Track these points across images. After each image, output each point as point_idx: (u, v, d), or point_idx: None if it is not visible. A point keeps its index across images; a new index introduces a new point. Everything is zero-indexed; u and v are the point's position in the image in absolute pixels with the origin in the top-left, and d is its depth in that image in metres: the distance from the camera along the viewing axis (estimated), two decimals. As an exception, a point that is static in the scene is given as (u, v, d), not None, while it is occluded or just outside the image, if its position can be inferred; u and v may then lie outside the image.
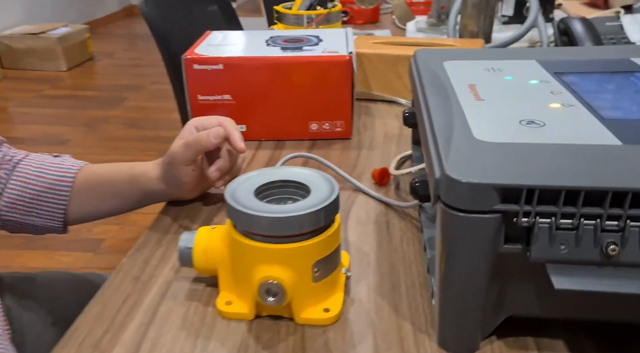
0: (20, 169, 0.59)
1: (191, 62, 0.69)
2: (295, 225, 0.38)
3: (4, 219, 0.59)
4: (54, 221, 0.59)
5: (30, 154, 0.62)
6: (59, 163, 0.60)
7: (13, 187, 0.58)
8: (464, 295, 0.36)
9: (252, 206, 0.39)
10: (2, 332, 0.56)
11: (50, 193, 0.58)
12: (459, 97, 0.46)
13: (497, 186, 0.32)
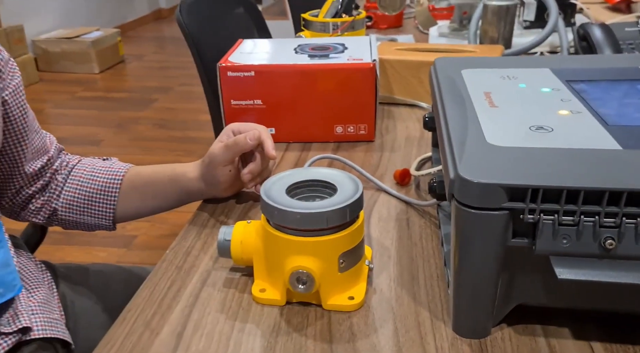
0: (74, 173, 0.65)
1: (225, 70, 0.74)
2: (323, 220, 0.43)
3: (61, 218, 0.65)
4: (104, 219, 0.65)
5: (83, 159, 0.68)
6: (108, 166, 0.66)
7: (69, 189, 0.64)
8: (476, 284, 0.40)
9: (284, 202, 0.44)
10: (59, 317, 0.61)
11: (101, 195, 0.64)
12: (474, 104, 0.49)
13: (505, 186, 0.36)
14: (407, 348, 0.41)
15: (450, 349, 0.41)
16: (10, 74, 0.57)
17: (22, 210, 0.65)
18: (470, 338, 0.42)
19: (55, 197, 0.64)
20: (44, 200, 0.64)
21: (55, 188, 0.64)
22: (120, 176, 0.64)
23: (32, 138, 0.61)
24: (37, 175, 0.63)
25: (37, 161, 0.63)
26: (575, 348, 0.40)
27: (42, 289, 0.62)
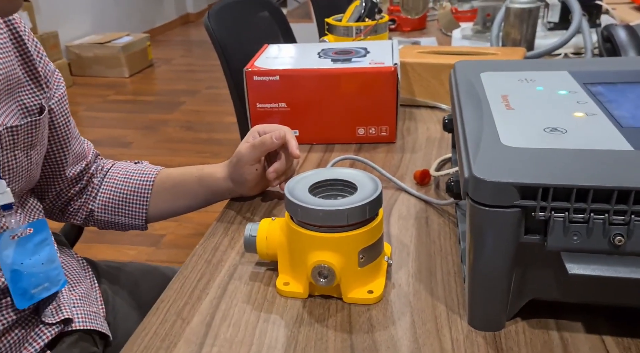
0: (109, 176, 0.69)
1: (251, 74, 0.77)
2: (343, 217, 0.45)
3: (97, 219, 0.69)
4: (137, 220, 0.69)
5: (116, 163, 0.72)
6: (140, 169, 0.69)
7: (104, 191, 0.68)
8: (490, 279, 0.41)
9: (307, 201, 0.47)
10: (99, 311, 0.65)
11: (134, 196, 0.67)
12: (491, 106, 0.51)
13: (517, 185, 0.37)
14: (423, 340, 0.43)
15: (465, 341, 0.42)
16: (55, 84, 0.61)
17: (62, 212, 0.69)
18: (485, 331, 0.43)
19: (92, 199, 0.68)
20: (81, 202, 0.68)
21: (92, 191, 0.68)
22: (152, 178, 0.68)
23: (73, 144, 0.65)
24: (76, 179, 0.67)
25: (76, 166, 0.67)
26: (587, 342, 0.41)
27: (83, 284, 0.66)
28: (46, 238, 0.56)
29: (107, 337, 0.63)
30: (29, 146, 0.55)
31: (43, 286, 0.54)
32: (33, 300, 0.54)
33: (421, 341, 0.43)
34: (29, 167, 0.56)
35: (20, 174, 0.55)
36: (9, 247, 0.51)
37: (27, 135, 0.54)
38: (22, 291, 0.52)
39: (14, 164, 0.53)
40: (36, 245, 0.54)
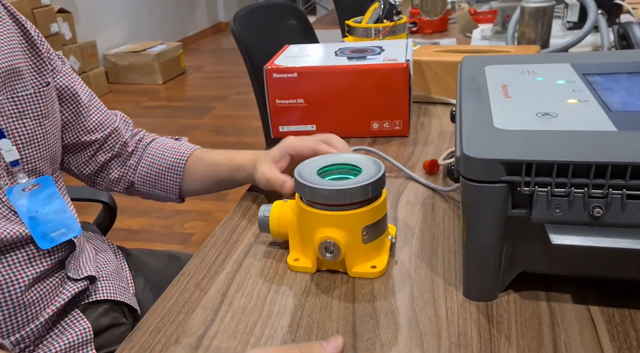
0: (149, 151, 0.74)
1: (271, 72, 0.82)
2: (347, 196, 0.49)
3: (137, 190, 0.75)
4: (172, 194, 0.74)
5: (157, 138, 0.77)
6: (177, 147, 0.74)
7: (143, 165, 0.74)
8: (482, 251, 0.45)
9: (314, 181, 0.51)
10: (129, 288, 0.71)
11: (169, 172, 0.73)
12: (490, 95, 0.54)
13: (502, 161, 0.41)
14: (420, 308, 0.46)
15: (459, 309, 0.46)
16: (61, 62, 0.68)
17: (100, 179, 0.74)
18: (478, 301, 0.46)
19: (132, 171, 0.74)
20: (121, 172, 0.74)
21: (132, 163, 0.74)
22: (185, 157, 0.73)
23: (91, 112, 0.70)
24: (103, 144, 0.72)
25: (99, 132, 0.71)
26: (574, 311, 0.44)
27: (112, 263, 0.72)
28: (54, 192, 0.62)
29: (135, 311, 0.68)
30: (41, 115, 0.61)
31: (60, 231, 0.60)
32: (54, 243, 0.60)
33: (418, 309, 0.46)
34: (44, 135, 0.62)
35: (34, 140, 0.60)
36: (22, 197, 0.58)
37: (34, 105, 0.60)
38: (42, 234, 0.58)
39: (23, 131, 0.59)
40: (46, 198, 0.61)
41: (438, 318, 0.45)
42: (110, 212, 0.97)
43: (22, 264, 0.58)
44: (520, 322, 0.44)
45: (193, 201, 2.20)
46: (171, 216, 2.16)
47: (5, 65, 0.58)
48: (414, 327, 0.44)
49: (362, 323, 0.45)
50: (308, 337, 0.44)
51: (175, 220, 2.15)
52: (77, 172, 0.73)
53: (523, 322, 0.43)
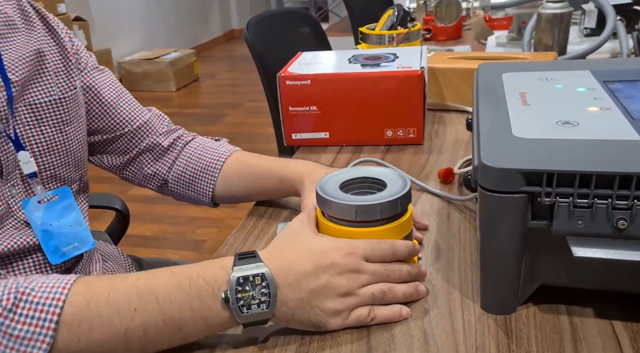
0: (186, 150, 0.71)
1: (284, 79, 0.82)
2: (376, 211, 0.46)
3: (170, 189, 0.72)
4: (204, 197, 0.70)
5: (197, 137, 0.74)
6: (216, 148, 0.71)
7: (179, 164, 0.71)
8: (500, 263, 0.43)
9: (339, 196, 0.47)
10: None
11: (203, 174, 0.69)
12: (508, 102, 0.53)
13: (522, 171, 0.39)
14: (436, 321, 0.45)
15: (476, 323, 0.44)
16: (84, 58, 0.67)
17: (131, 173, 0.72)
18: (497, 314, 0.45)
19: (167, 169, 0.71)
20: (155, 168, 0.71)
21: (167, 160, 0.71)
22: (223, 159, 0.68)
23: (119, 107, 0.68)
24: (133, 137, 0.69)
25: (128, 125, 0.68)
26: (596, 326, 0.42)
27: (119, 271, 0.72)
28: (71, 204, 0.61)
29: None
30: (62, 122, 0.60)
31: (73, 245, 0.60)
32: (65, 257, 0.59)
33: (434, 322, 0.45)
34: (64, 142, 0.61)
35: (53, 147, 0.60)
36: (38, 210, 0.57)
37: (54, 113, 0.59)
38: (54, 248, 0.58)
39: (41, 138, 0.58)
40: (62, 210, 0.60)
41: (455, 332, 0.44)
42: (124, 220, 0.97)
43: (27, 272, 0.57)
44: (540, 337, 0.42)
45: (205, 208, 2.20)
46: (184, 223, 2.17)
47: (30, 73, 0.58)
48: (430, 341, 0.43)
49: (377, 335, 0.44)
50: (321, 348, 0.43)
51: (188, 227, 2.15)
52: (108, 166, 0.72)
53: (543, 337, 0.42)
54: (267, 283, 0.42)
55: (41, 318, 0.39)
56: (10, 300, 0.39)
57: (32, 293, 0.40)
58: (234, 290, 0.42)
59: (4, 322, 0.38)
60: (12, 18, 0.59)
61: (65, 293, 0.40)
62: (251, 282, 0.42)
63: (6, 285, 0.40)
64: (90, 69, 0.67)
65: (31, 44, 0.59)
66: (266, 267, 0.43)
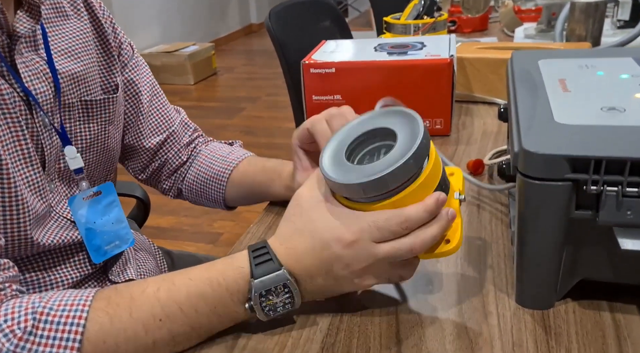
0: (198, 159, 0.70)
1: (308, 67, 0.80)
2: (390, 181, 0.38)
3: (185, 197, 0.73)
4: (217, 203, 0.70)
5: (210, 144, 0.73)
6: (225, 156, 0.69)
7: (191, 173, 0.70)
8: (539, 256, 0.41)
9: (345, 174, 0.40)
10: None
11: (212, 183, 0.69)
12: (547, 89, 0.50)
13: (568, 157, 0.37)
14: (469, 315, 0.43)
15: (512, 317, 0.42)
16: (126, 52, 0.65)
17: (152, 183, 0.73)
18: (533, 309, 0.43)
19: (181, 180, 0.71)
20: (172, 181, 0.71)
21: (182, 172, 0.71)
22: (231, 167, 0.67)
23: (151, 114, 0.67)
24: (158, 151, 0.68)
25: (156, 136, 0.67)
26: (642, 324, 0.40)
27: (149, 263, 0.71)
28: (114, 200, 0.60)
29: None
30: (107, 122, 0.60)
31: (114, 243, 0.59)
32: (107, 256, 0.58)
33: (467, 316, 0.43)
34: (105, 140, 0.60)
35: (96, 145, 0.59)
36: (82, 207, 0.56)
37: (103, 111, 0.59)
38: (96, 247, 0.57)
39: (87, 135, 0.58)
40: (105, 207, 0.59)
41: (489, 327, 0.42)
42: (144, 208, 0.96)
43: (68, 267, 0.57)
44: (581, 334, 0.40)
45: (222, 200, 2.21)
46: (200, 215, 2.17)
47: (78, 65, 0.56)
48: (462, 335, 0.41)
49: (407, 328, 0.42)
50: (349, 341, 0.42)
51: (204, 219, 2.15)
52: (132, 175, 0.72)
53: (584, 334, 0.40)
54: (289, 289, 0.41)
55: (64, 339, 0.38)
56: (29, 321, 0.37)
57: (52, 312, 0.38)
58: (259, 303, 0.41)
59: (25, 345, 0.37)
60: (62, 4, 0.58)
61: (87, 311, 0.39)
62: (274, 292, 0.41)
63: (21, 306, 0.38)
64: (133, 66, 0.66)
65: (80, 36, 0.58)
66: (285, 273, 0.41)
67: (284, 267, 0.41)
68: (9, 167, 0.48)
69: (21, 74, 0.50)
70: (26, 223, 0.50)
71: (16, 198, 0.48)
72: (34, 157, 0.51)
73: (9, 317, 0.38)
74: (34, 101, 0.51)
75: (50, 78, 0.53)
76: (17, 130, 0.49)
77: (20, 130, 0.49)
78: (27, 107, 0.50)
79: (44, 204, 0.52)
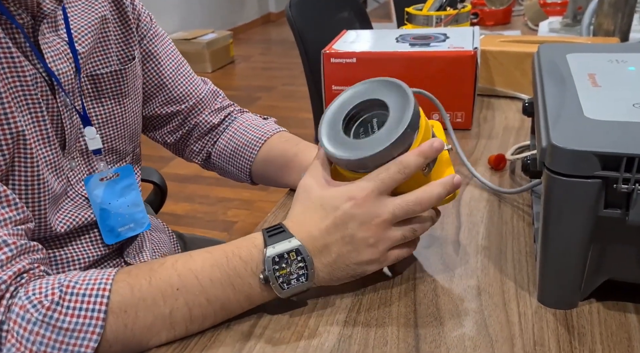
0: (232, 125, 0.69)
1: (329, 56, 0.79)
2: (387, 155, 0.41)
3: (213, 163, 0.71)
4: (243, 173, 0.69)
5: (245, 114, 0.72)
6: (261, 126, 0.68)
7: (223, 138, 0.69)
8: (564, 254, 0.40)
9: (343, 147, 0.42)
10: None
11: (244, 150, 0.67)
12: (576, 83, 0.49)
13: (598, 153, 0.36)
14: (489, 312, 0.42)
15: (533, 316, 0.41)
16: (145, 24, 0.63)
17: (180, 148, 0.72)
18: (556, 308, 0.42)
19: (212, 143, 0.70)
20: (202, 143, 0.70)
21: (214, 136, 0.70)
22: (265, 137, 0.66)
23: (177, 83, 0.66)
24: (188, 115, 0.68)
25: (183, 103, 0.67)
26: (669, 327, 0.39)
27: (166, 246, 0.71)
28: (132, 183, 0.60)
29: None
30: (120, 94, 0.59)
31: (129, 226, 0.59)
32: (120, 238, 0.59)
33: (487, 313, 0.42)
34: (122, 114, 0.60)
35: (112, 120, 0.59)
36: (98, 187, 0.56)
37: (114, 84, 0.58)
38: (110, 228, 0.57)
39: (101, 111, 0.57)
40: (123, 189, 0.59)
41: (510, 325, 0.41)
42: (161, 194, 0.97)
43: (84, 246, 0.57)
44: (605, 335, 0.39)
45: (236, 189, 2.21)
46: (215, 203, 2.18)
47: (91, 39, 0.56)
48: (482, 332, 0.41)
49: (425, 323, 0.42)
50: (366, 333, 0.41)
51: (219, 207, 2.16)
52: (160, 141, 0.71)
53: (609, 335, 0.39)
54: (303, 257, 0.41)
55: (89, 309, 0.39)
56: (56, 294, 0.39)
57: (77, 286, 0.39)
58: (272, 270, 0.41)
59: (53, 315, 0.38)
60: None
61: (110, 283, 0.40)
62: (286, 259, 0.41)
63: (48, 282, 0.40)
64: (152, 37, 0.65)
65: (96, 10, 0.57)
66: (297, 240, 0.42)
67: (295, 236, 0.42)
68: (32, 148, 0.48)
69: (45, 54, 0.50)
70: (46, 203, 0.50)
71: (38, 179, 0.49)
72: (52, 137, 0.51)
73: (37, 291, 0.39)
74: (57, 82, 0.51)
75: (71, 58, 0.53)
76: (37, 111, 0.49)
77: (40, 111, 0.49)
78: (50, 88, 0.51)
79: (60, 183, 0.53)
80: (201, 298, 0.41)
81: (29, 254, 0.42)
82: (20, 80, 0.47)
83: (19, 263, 0.41)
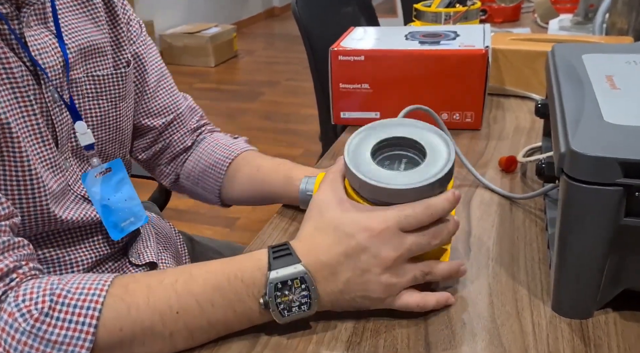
0: (201, 145, 0.68)
1: (337, 54, 0.78)
2: (412, 194, 0.40)
3: (181, 185, 0.70)
4: (212, 195, 0.67)
5: (215, 133, 0.71)
6: (229, 145, 0.66)
7: (191, 159, 0.68)
8: (581, 263, 0.39)
9: (369, 172, 0.41)
10: None
11: (211, 170, 0.66)
12: (594, 86, 0.48)
13: (620, 161, 0.35)
14: (502, 321, 0.41)
15: (548, 326, 0.40)
16: (135, 29, 0.63)
17: (155, 168, 0.70)
18: (571, 318, 0.41)
19: (181, 164, 0.69)
20: (171, 167, 0.69)
21: (183, 157, 0.69)
22: (232, 156, 0.65)
23: (157, 95, 0.65)
24: (163, 132, 0.67)
25: (161, 117, 0.66)
26: (690, 341, 0.38)
27: (172, 247, 0.70)
28: (124, 177, 0.60)
29: None
30: (118, 97, 0.58)
31: (129, 220, 0.58)
32: (124, 233, 0.58)
33: (499, 321, 0.41)
34: (117, 117, 0.59)
35: (107, 122, 0.58)
36: (96, 184, 0.56)
37: (113, 86, 0.57)
38: (113, 224, 0.56)
39: (97, 112, 0.56)
40: (117, 183, 0.58)
41: (524, 334, 0.40)
42: (165, 191, 0.96)
43: (87, 246, 0.56)
44: (623, 347, 0.38)
45: (240, 185, 2.20)
46: (217, 198, 2.17)
47: (87, 40, 0.55)
48: (495, 342, 0.39)
49: (436, 331, 0.41)
50: (375, 341, 0.40)
51: (238, 205, 2.15)
52: (132, 155, 0.70)
53: (627, 347, 0.38)
54: (307, 286, 0.39)
55: (79, 323, 0.37)
56: (46, 302, 0.37)
57: (69, 295, 0.38)
58: (273, 296, 0.39)
59: (41, 327, 0.37)
60: None
61: (103, 296, 0.38)
62: (290, 286, 0.39)
63: (40, 286, 0.38)
64: (140, 44, 0.64)
65: (88, 10, 0.56)
66: (303, 267, 0.39)
67: (301, 261, 0.40)
68: (20, 141, 0.47)
69: (30, 46, 0.49)
70: (42, 199, 0.49)
71: (30, 174, 0.48)
72: (45, 133, 0.50)
73: (27, 297, 0.37)
74: (44, 74, 0.49)
75: (60, 53, 0.51)
76: (27, 105, 0.48)
77: (29, 105, 0.48)
78: (36, 81, 0.49)
79: (59, 181, 0.51)
80: (202, 321, 0.40)
81: (14, 250, 0.41)
82: (6, 71, 0.46)
83: (3, 261, 0.39)
